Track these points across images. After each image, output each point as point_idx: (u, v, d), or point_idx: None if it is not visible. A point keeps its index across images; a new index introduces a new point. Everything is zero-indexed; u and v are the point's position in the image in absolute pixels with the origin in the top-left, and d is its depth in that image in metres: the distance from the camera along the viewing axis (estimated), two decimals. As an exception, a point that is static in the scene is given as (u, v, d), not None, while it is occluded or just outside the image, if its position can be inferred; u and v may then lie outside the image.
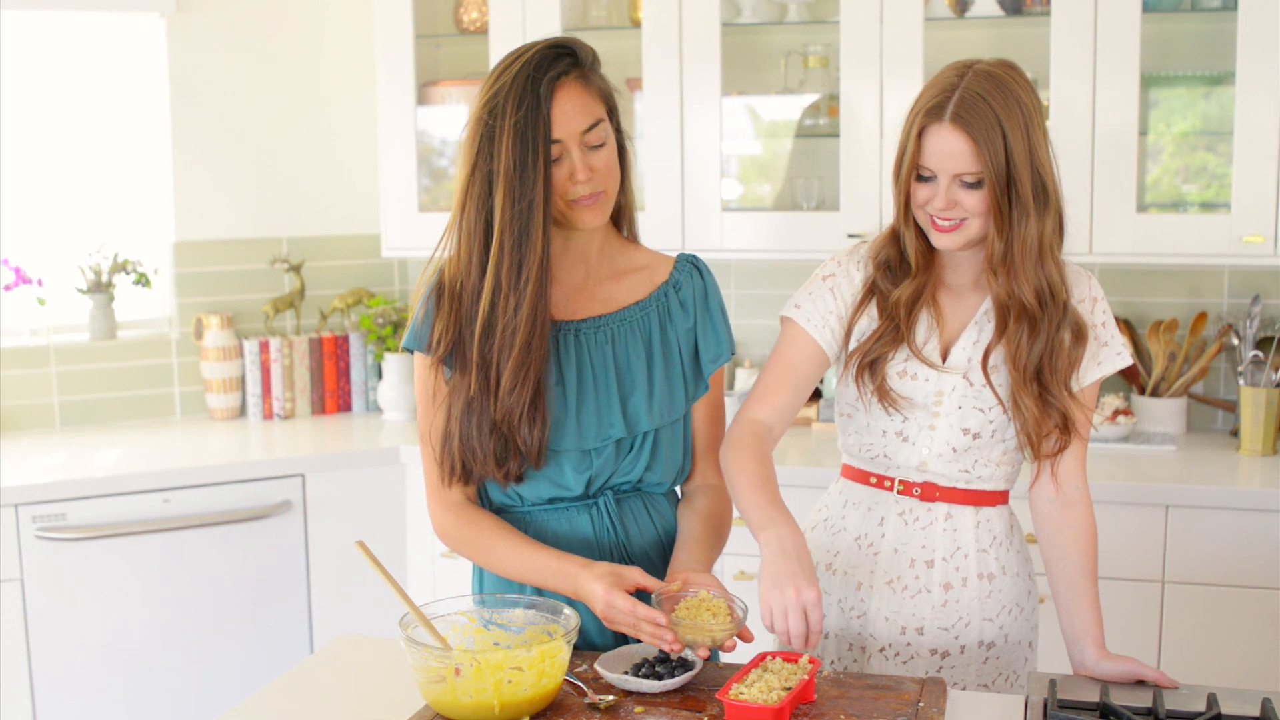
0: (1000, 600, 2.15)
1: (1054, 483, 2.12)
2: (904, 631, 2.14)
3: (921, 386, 2.08)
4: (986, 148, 1.94)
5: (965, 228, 2.00)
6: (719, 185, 3.59)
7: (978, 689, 2.15)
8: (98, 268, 3.85)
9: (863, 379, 2.10)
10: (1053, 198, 2.01)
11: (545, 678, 1.75)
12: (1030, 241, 1.99)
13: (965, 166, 1.96)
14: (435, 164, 3.89)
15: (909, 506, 2.14)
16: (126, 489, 3.33)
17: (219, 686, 3.43)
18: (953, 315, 2.11)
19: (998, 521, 2.15)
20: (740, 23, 3.63)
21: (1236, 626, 3.05)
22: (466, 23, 3.88)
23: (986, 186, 1.96)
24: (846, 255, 2.18)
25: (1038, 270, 2.01)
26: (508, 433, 1.94)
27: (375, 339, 4.05)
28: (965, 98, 1.95)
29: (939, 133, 1.97)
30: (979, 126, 1.94)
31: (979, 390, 2.07)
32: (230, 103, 3.95)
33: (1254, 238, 3.22)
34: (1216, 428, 3.65)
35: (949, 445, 2.09)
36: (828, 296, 2.14)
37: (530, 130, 1.87)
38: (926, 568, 2.13)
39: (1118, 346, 2.11)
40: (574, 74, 1.92)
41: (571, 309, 2.04)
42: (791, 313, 2.15)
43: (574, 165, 1.90)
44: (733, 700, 1.72)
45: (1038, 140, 1.98)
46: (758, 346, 3.96)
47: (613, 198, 1.98)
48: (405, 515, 3.64)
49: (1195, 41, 3.47)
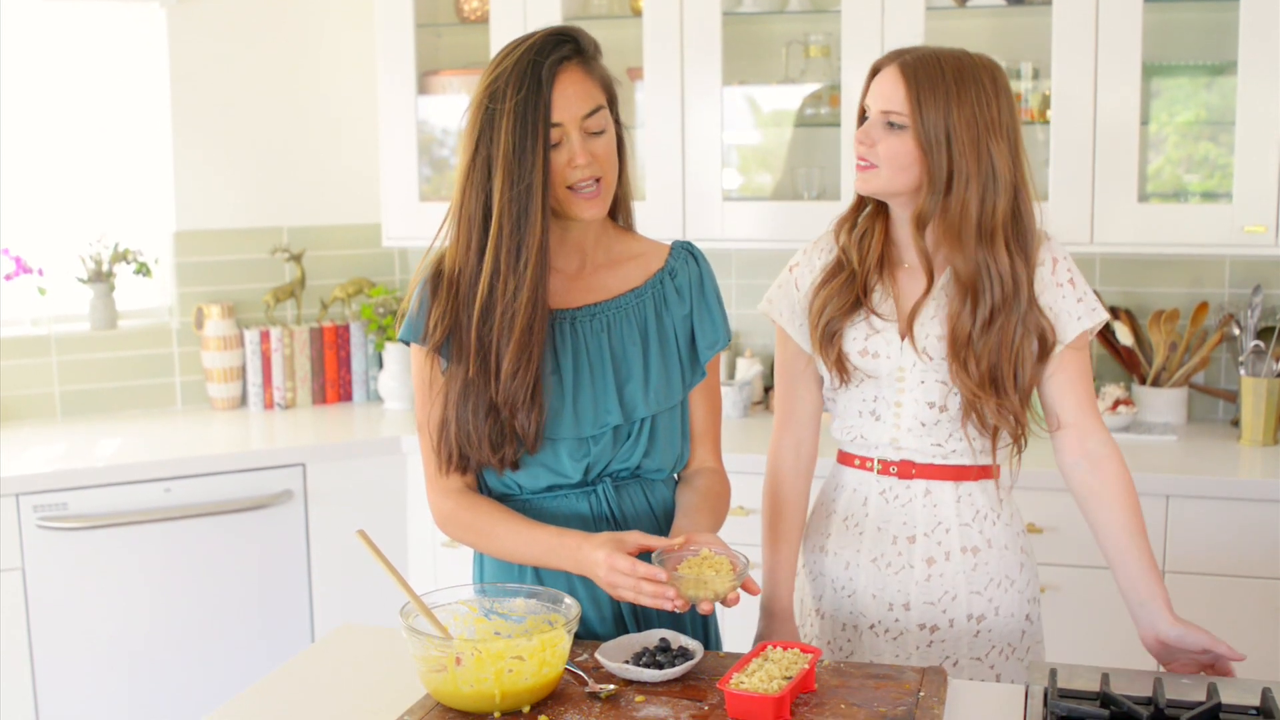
0: (987, 573, 2.16)
1: (1077, 440, 2.11)
2: (891, 608, 2.17)
3: (884, 364, 2.12)
4: (919, 95, 2.00)
5: (876, 174, 2.06)
6: (720, 175, 3.59)
7: (970, 662, 2.16)
8: (98, 257, 3.85)
9: (824, 351, 2.15)
10: (1004, 183, 2.02)
11: (546, 667, 1.75)
12: (971, 207, 2.02)
13: (894, 105, 2.03)
14: (436, 153, 3.89)
15: (889, 485, 2.17)
16: (127, 478, 3.33)
17: (220, 676, 3.43)
18: (907, 294, 2.13)
19: (981, 496, 2.16)
20: (741, 12, 3.62)
21: (1237, 617, 3.05)
22: (467, 12, 3.87)
23: (911, 135, 2.01)
24: (813, 244, 2.25)
25: (982, 247, 2.03)
26: (506, 417, 1.94)
27: (376, 328, 4.05)
28: (923, 54, 2.04)
29: (885, 73, 2.07)
30: (922, 76, 2.01)
31: (939, 363, 2.09)
32: (231, 92, 3.95)
33: (1255, 228, 3.22)
34: (1217, 418, 3.65)
35: (917, 420, 2.12)
36: (792, 290, 2.22)
37: (530, 113, 1.87)
38: (909, 544, 2.15)
39: (1092, 303, 2.11)
40: (576, 60, 1.92)
41: (567, 297, 2.04)
42: (766, 307, 2.25)
43: (574, 150, 1.90)
44: (733, 689, 1.72)
45: (992, 125, 2.01)
46: (759, 336, 3.96)
47: (611, 188, 1.98)
48: (406, 504, 3.64)
49: (1197, 31, 3.47)
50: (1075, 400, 2.12)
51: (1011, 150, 2.04)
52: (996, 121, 2.02)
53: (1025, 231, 2.07)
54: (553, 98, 1.88)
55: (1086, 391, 2.13)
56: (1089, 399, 2.13)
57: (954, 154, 2.00)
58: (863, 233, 2.16)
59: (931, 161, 2.01)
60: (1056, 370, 2.11)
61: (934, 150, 2.00)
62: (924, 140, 2.01)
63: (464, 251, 1.95)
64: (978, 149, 2.00)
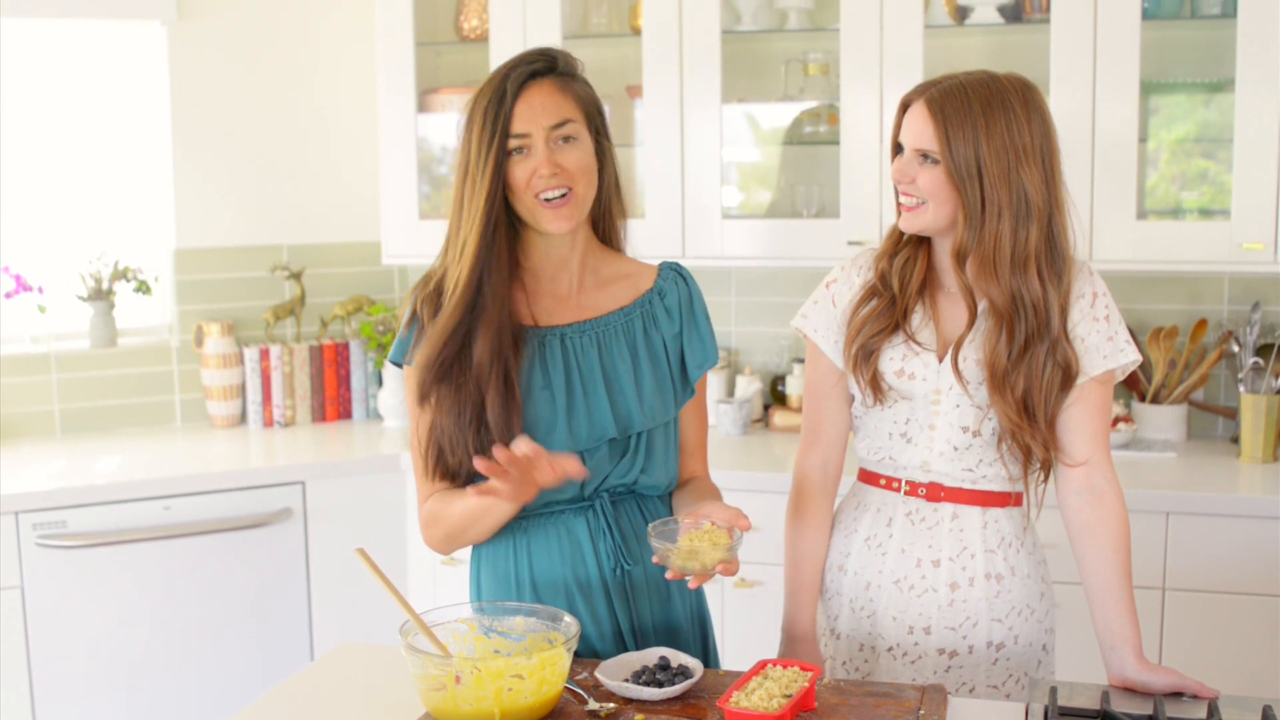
0: (1009, 601, 2.15)
1: (1084, 472, 2.10)
2: (911, 631, 2.15)
3: (920, 386, 2.11)
4: (947, 130, 2.00)
5: (923, 210, 2.06)
6: (719, 192, 3.59)
7: (987, 690, 2.15)
8: (98, 275, 3.85)
9: (859, 369, 2.13)
10: (1037, 211, 2.02)
11: (546, 685, 1.75)
12: (1004, 240, 2.01)
13: (925, 143, 2.03)
14: (435, 171, 3.89)
15: (915, 507, 2.16)
16: (127, 496, 3.32)
17: (219, 694, 3.43)
18: (948, 318, 2.13)
19: (1006, 523, 2.15)
20: (740, 30, 3.63)
21: (1237, 633, 3.05)
22: (467, 30, 3.88)
23: (943, 170, 2.01)
24: (851, 261, 2.23)
25: (1016, 277, 2.03)
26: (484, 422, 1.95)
27: (376, 346, 4.05)
28: (950, 86, 2.03)
29: (914, 108, 2.06)
30: (949, 110, 2.00)
31: (975, 388, 2.08)
32: (231, 110, 3.96)
33: (1254, 245, 3.22)
34: (1217, 434, 3.65)
35: (949, 444, 2.11)
36: (829, 306, 2.20)
37: (492, 120, 1.94)
38: (933, 567, 2.14)
39: (1121, 343, 2.10)
40: (549, 76, 1.98)
41: (557, 315, 2.07)
42: (800, 322, 2.23)
43: (539, 160, 1.95)
44: (733, 708, 1.72)
45: (1025, 151, 2.00)
46: (758, 353, 3.96)
47: (584, 202, 2.00)
48: (405, 522, 3.64)
49: (1195, 48, 3.48)
50: (1091, 433, 2.10)
51: (1046, 173, 2.03)
52: (1030, 147, 2.01)
53: (1060, 257, 2.06)
54: (515, 109, 1.94)
55: (1104, 426, 2.12)
56: (1104, 434, 2.12)
57: (985, 186, 1.99)
58: (904, 260, 2.14)
59: (965, 195, 2.01)
60: (1076, 401, 2.09)
61: (967, 184, 2.00)
62: (956, 175, 2.00)
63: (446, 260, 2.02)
64: (1009, 179, 1.99)
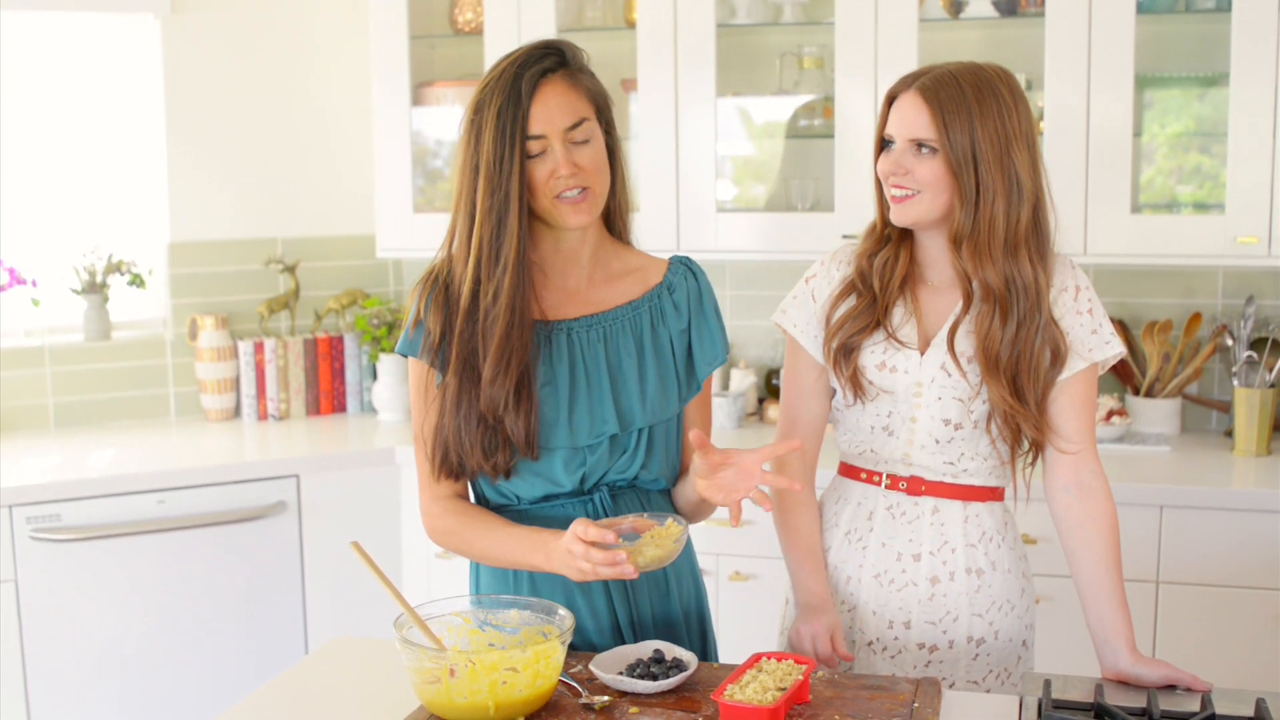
0: (990, 596, 2.15)
1: (1071, 466, 2.10)
2: (891, 625, 2.16)
3: (901, 379, 2.11)
4: (944, 118, 1.99)
5: (917, 201, 2.04)
6: (714, 186, 3.59)
7: (967, 685, 2.15)
8: (92, 268, 3.84)
9: (839, 366, 2.13)
10: (1028, 193, 2.02)
11: (540, 678, 1.75)
12: (998, 222, 2.01)
13: (921, 132, 2.02)
14: (430, 165, 3.89)
15: (896, 501, 2.16)
16: (121, 490, 3.32)
17: (214, 688, 3.42)
18: (930, 310, 2.13)
19: (988, 517, 2.15)
20: (735, 24, 3.63)
21: (1231, 627, 3.06)
22: (461, 23, 3.87)
23: (942, 159, 2.01)
24: (830, 256, 2.23)
25: (1008, 259, 2.03)
26: (495, 424, 1.95)
27: (370, 340, 4.05)
28: (940, 75, 2.03)
29: (904, 99, 2.05)
30: (944, 98, 2.00)
31: (957, 380, 2.08)
32: (225, 103, 3.95)
33: (1248, 238, 3.23)
34: (1211, 428, 3.65)
35: (931, 436, 2.11)
36: (809, 301, 2.20)
37: (510, 123, 1.91)
38: (913, 561, 2.14)
39: (1106, 335, 2.11)
40: (560, 72, 1.95)
41: (565, 309, 2.05)
42: (779, 318, 2.23)
43: (557, 161, 1.93)
44: (727, 701, 1.72)
45: (1014, 136, 2.01)
46: (753, 347, 3.96)
47: (600, 197, 1.99)
48: (400, 516, 3.64)
49: (1189, 42, 3.48)
50: (1077, 426, 2.10)
51: (1031, 157, 2.04)
52: (1018, 131, 2.02)
53: (1044, 240, 2.07)
54: (532, 110, 1.91)
55: (1090, 419, 2.12)
56: (1090, 427, 2.12)
57: (980, 171, 2.00)
58: (885, 260, 2.14)
59: (962, 182, 2.01)
60: (1061, 393, 2.09)
61: (963, 170, 2.00)
62: (954, 162, 2.00)
63: (459, 261, 1.98)
64: (1002, 163, 2.00)
